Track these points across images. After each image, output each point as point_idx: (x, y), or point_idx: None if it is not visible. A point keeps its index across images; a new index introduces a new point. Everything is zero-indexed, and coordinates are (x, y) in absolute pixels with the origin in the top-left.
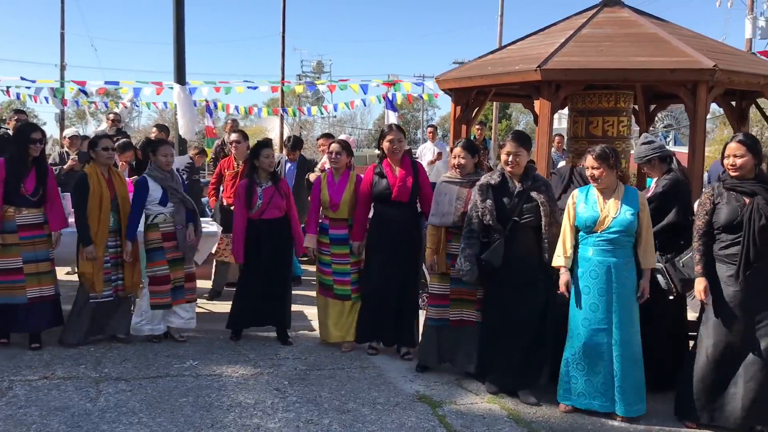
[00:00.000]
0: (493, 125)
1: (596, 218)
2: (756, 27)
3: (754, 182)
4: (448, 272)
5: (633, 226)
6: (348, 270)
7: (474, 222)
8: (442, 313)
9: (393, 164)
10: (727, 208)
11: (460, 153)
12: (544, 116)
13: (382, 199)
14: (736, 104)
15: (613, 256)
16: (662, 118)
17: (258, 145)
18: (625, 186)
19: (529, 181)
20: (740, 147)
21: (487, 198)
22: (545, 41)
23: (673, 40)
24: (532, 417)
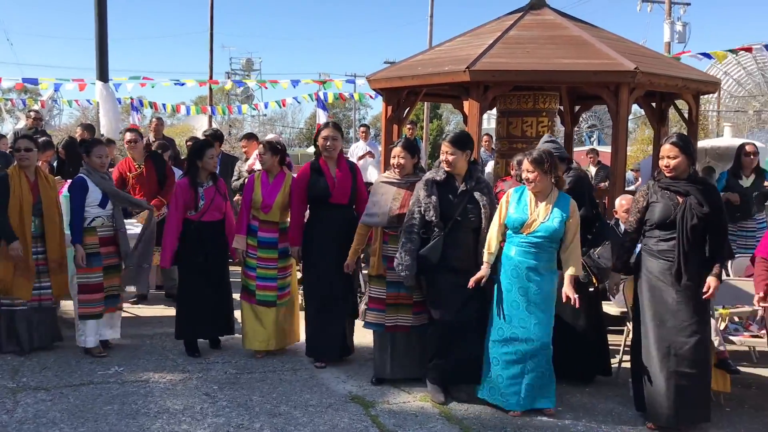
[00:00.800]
0: (425, 125)
1: (524, 221)
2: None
3: (687, 182)
4: (384, 275)
5: (559, 234)
6: (274, 275)
7: (415, 217)
8: (378, 317)
9: (330, 164)
10: (661, 207)
11: (400, 153)
12: (473, 117)
13: (320, 200)
14: (656, 105)
15: (535, 259)
16: (586, 119)
17: (203, 145)
18: (559, 192)
19: (472, 182)
20: (673, 148)
21: (432, 194)
22: (474, 42)
23: (597, 43)
24: (463, 414)
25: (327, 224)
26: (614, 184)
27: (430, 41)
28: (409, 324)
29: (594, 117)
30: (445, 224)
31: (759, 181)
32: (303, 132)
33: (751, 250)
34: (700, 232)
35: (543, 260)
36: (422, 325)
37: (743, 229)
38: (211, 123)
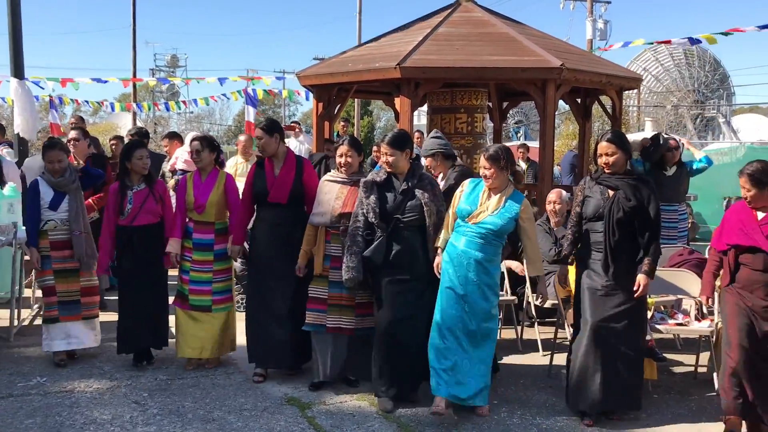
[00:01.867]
0: (356, 122)
1: (472, 211)
2: (595, 29)
3: (619, 177)
4: (326, 275)
5: (505, 229)
6: (209, 278)
7: (359, 219)
8: (318, 318)
9: (275, 161)
10: (594, 201)
11: (347, 151)
12: (404, 113)
13: (260, 199)
14: (580, 101)
15: (479, 250)
16: (513, 114)
17: (131, 146)
18: (514, 190)
19: (414, 180)
20: (610, 146)
21: (371, 195)
22: (404, 39)
23: (524, 40)
24: (401, 412)
25: (266, 224)
26: (543, 179)
27: (359, 38)
28: (353, 327)
29: (521, 113)
30: (387, 224)
31: (680, 170)
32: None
33: (672, 240)
34: (629, 226)
35: (488, 253)
36: (366, 329)
37: (666, 219)
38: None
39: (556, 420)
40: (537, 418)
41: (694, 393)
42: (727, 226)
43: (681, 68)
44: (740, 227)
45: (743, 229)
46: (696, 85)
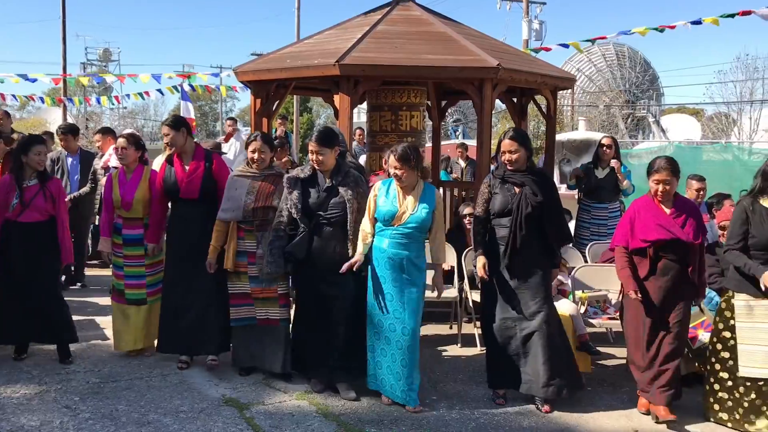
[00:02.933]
0: (295, 119)
1: (395, 213)
2: (531, 29)
3: (524, 174)
4: (244, 271)
5: (427, 223)
6: (143, 273)
7: (284, 215)
8: (247, 312)
9: (184, 157)
10: (501, 197)
11: (259, 147)
12: (343, 111)
13: (172, 196)
14: (516, 100)
15: (406, 249)
16: (452, 113)
17: (29, 140)
18: (424, 183)
19: (339, 177)
20: (513, 143)
21: (294, 191)
22: (343, 36)
23: (462, 40)
24: (341, 410)
25: (181, 220)
26: (480, 177)
27: (297, 34)
28: (278, 317)
29: (459, 112)
30: (310, 220)
31: (613, 173)
32: None
33: (603, 237)
34: (536, 221)
35: (414, 250)
36: (285, 318)
37: (596, 217)
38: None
39: (493, 414)
40: (475, 413)
41: (625, 384)
42: (640, 223)
43: (613, 69)
44: (657, 223)
45: (660, 224)
46: (627, 85)
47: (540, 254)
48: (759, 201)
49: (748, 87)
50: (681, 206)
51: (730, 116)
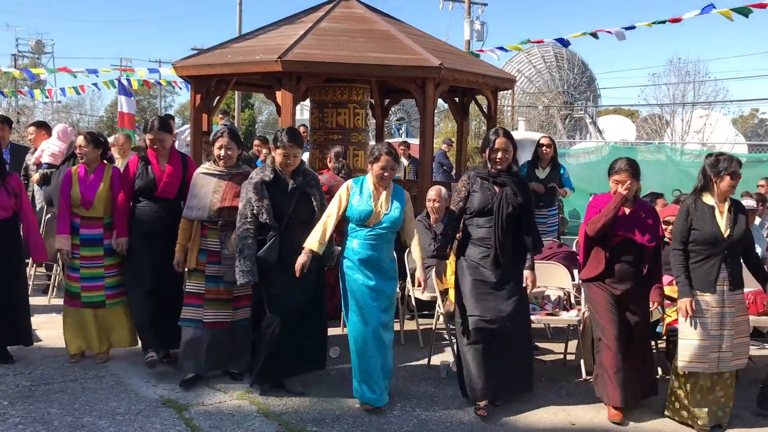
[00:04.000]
0: (236, 115)
1: (370, 212)
2: (473, 30)
3: (506, 174)
4: (202, 269)
5: (399, 222)
6: (101, 274)
7: (249, 220)
8: (194, 313)
9: (160, 157)
10: (480, 196)
11: (227, 143)
12: (286, 107)
13: (146, 193)
14: (458, 100)
15: (378, 250)
16: (395, 111)
17: None
18: (393, 184)
19: (300, 177)
20: (508, 142)
21: (263, 196)
22: (285, 32)
23: (404, 39)
24: (282, 409)
25: (151, 218)
26: (423, 175)
27: (239, 29)
28: (229, 320)
29: (402, 110)
30: (280, 223)
31: (554, 172)
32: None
33: (542, 235)
34: (514, 221)
35: (385, 250)
36: (242, 320)
37: (536, 216)
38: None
39: (434, 411)
40: (416, 410)
41: (563, 379)
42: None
43: (552, 71)
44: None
45: (618, 221)
46: (565, 87)
47: (515, 255)
48: (701, 198)
49: (680, 90)
50: (639, 208)
51: (663, 118)
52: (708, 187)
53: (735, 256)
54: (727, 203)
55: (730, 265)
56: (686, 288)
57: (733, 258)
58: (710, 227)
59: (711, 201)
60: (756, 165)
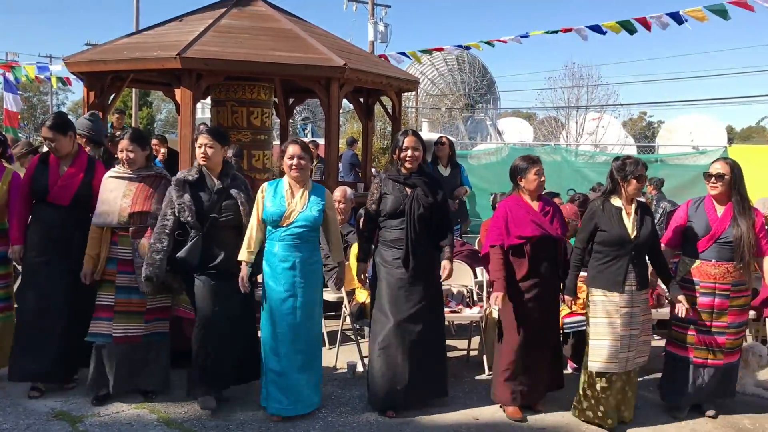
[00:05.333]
0: (133, 113)
1: (282, 212)
2: (376, 31)
3: (416, 175)
4: (113, 279)
5: (318, 222)
6: None
7: (168, 218)
8: (105, 327)
9: (61, 160)
10: (392, 198)
11: (127, 146)
12: (185, 105)
13: (38, 197)
14: (363, 101)
15: (298, 251)
16: (300, 111)
17: None
18: (312, 182)
19: (228, 179)
20: (417, 141)
21: (185, 194)
22: (184, 29)
23: (308, 38)
24: (184, 417)
25: (42, 225)
26: (329, 176)
27: (136, 25)
28: (141, 333)
29: (307, 110)
30: (202, 224)
31: (455, 171)
32: None
33: None
34: (427, 221)
35: (306, 251)
36: (156, 333)
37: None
38: None
39: (341, 412)
40: (323, 412)
41: (466, 375)
42: (514, 221)
43: (454, 73)
44: (530, 219)
45: (533, 220)
46: (467, 89)
47: (430, 255)
48: (609, 200)
49: (574, 93)
50: (546, 203)
51: (558, 120)
52: (616, 189)
53: (641, 256)
54: (633, 205)
55: (637, 266)
56: (573, 287)
57: (639, 258)
58: (618, 229)
59: (618, 203)
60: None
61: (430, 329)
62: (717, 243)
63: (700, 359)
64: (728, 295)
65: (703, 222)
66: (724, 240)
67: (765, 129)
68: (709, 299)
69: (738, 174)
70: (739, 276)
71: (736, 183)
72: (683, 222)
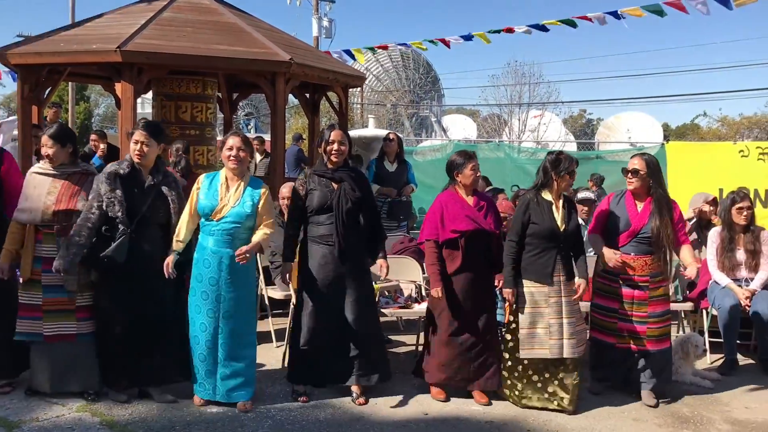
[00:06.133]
0: (70, 107)
1: (214, 206)
2: (321, 26)
3: (342, 169)
4: (38, 278)
5: (249, 219)
6: None
7: (94, 212)
8: (31, 326)
9: None
10: (319, 194)
11: (47, 142)
12: (126, 100)
13: None
14: (309, 96)
15: (229, 246)
16: (244, 106)
17: None
18: (251, 177)
19: (160, 176)
20: (342, 135)
21: (116, 188)
22: (124, 21)
23: (253, 32)
24: (128, 419)
25: None
26: (275, 171)
27: (72, 16)
28: (74, 332)
29: (251, 105)
30: (131, 221)
31: (401, 167)
32: None
33: (394, 228)
34: (355, 216)
35: (237, 246)
36: (88, 334)
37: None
38: None
39: (290, 410)
40: (271, 410)
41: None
42: (449, 215)
43: (399, 70)
44: (465, 214)
45: (468, 215)
46: (411, 86)
47: (358, 249)
48: (541, 194)
49: (517, 91)
50: (481, 198)
51: (501, 117)
52: (548, 184)
53: (569, 248)
54: (561, 199)
55: (565, 258)
56: (511, 279)
57: (567, 251)
58: (548, 222)
59: (549, 197)
60: (584, 162)
61: (361, 320)
62: (636, 238)
63: (624, 345)
64: (648, 286)
65: (624, 218)
66: (643, 235)
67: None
68: (629, 290)
69: (654, 169)
70: (657, 268)
71: (652, 178)
72: (604, 213)
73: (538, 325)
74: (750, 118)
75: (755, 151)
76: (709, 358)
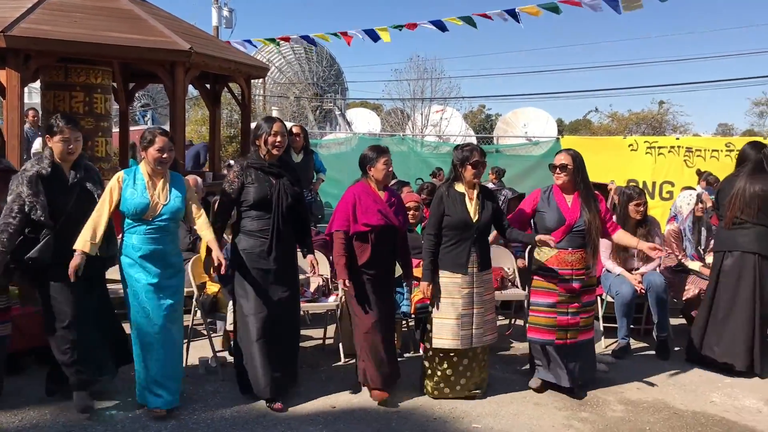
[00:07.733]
0: None
1: (147, 204)
2: (221, 16)
3: (279, 165)
4: None
5: (181, 213)
6: None
7: (15, 215)
8: None
9: None
10: (257, 188)
11: None
12: (12, 88)
13: None
14: (210, 87)
15: (160, 243)
16: (140, 97)
17: None
18: (170, 172)
19: (81, 171)
20: (283, 127)
21: (39, 192)
22: (8, 4)
23: (150, 19)
24: (18, 425)
25: None
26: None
27: None
28: None
29: (147, 96)
30: (56, 221)
31: (307, 157)
32: None
33: None
34: (292, 211)
35: (168, 243)
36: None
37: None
38: None
39: (194, 410)
40: (175, 410)
41: (323, 363)
42: (362, 208)
43: (302, 62)
44: (377, 208)
45: (380, 210)
46: (315, 78)
47: (291, 245)
48: (454, 186)
49: (419, 85)
50: (392, 194)
51: (404, 111)
52: (458, 176)
53: (483, 238)
54: (476, 190)
55: (480, 248)
56: (429, 273)
57: (482, 241)
58: (461, 213)
59: (461, 189)
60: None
61: (291, 318)
62: (571, 233)
63: (560, 340)
64: (583, 278)
65: (556, 214)
66: (577, 228)
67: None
68: (568, 284)
69: (580, 164)
70: (589, 259)
71: (579, 172)
72: (530, 210)
73: (451, 315)
74: (638, 114)
75: (643, 145)
76: (604, 342)
